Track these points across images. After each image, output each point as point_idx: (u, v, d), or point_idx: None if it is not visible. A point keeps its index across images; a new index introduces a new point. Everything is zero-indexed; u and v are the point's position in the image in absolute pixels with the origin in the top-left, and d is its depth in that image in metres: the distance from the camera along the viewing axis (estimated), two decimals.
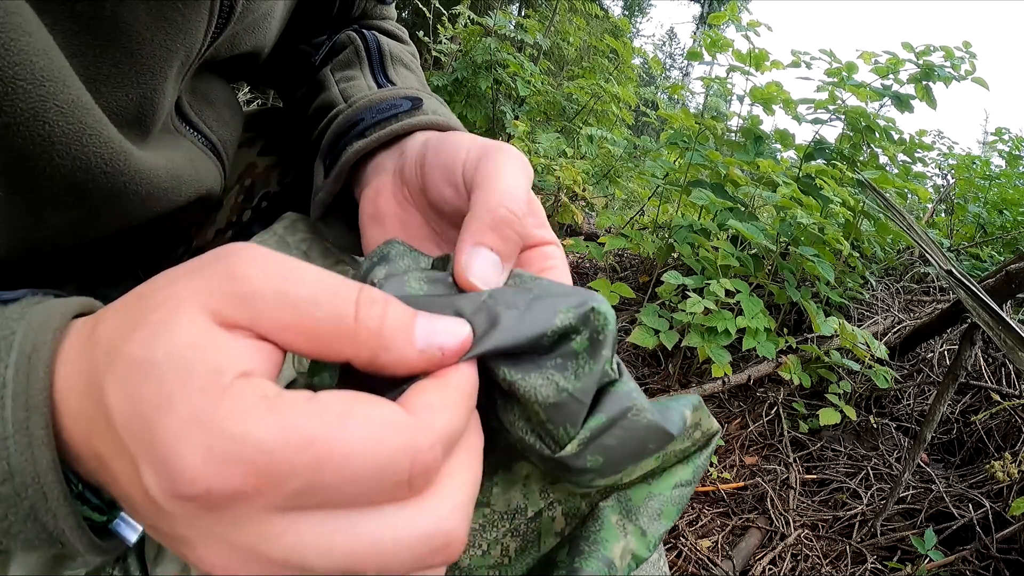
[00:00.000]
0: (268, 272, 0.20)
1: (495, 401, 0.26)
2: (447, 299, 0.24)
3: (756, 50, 2.00)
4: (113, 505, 0.24)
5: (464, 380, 0.22)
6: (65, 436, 0.21)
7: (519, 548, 0.29)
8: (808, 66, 2.05)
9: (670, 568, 1.23)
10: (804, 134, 5.80)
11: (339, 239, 0.43)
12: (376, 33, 0.51)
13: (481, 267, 0.25)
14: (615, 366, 0.26)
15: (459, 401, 0.21)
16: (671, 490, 0.29)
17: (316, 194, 0.42)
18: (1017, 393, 1.59)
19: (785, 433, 1.60)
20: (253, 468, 0.18)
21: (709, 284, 1.56)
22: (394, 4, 0.56)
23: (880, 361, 1.64)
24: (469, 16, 3.31)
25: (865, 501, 1.40)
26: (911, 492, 1.43)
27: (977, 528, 1.26)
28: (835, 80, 2.02)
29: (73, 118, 0.28)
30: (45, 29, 0.26)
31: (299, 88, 0.50)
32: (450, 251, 0.35)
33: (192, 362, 0.18)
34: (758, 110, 2.17)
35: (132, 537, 0.24)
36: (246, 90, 2.86)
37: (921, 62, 1.94)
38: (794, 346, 1.71)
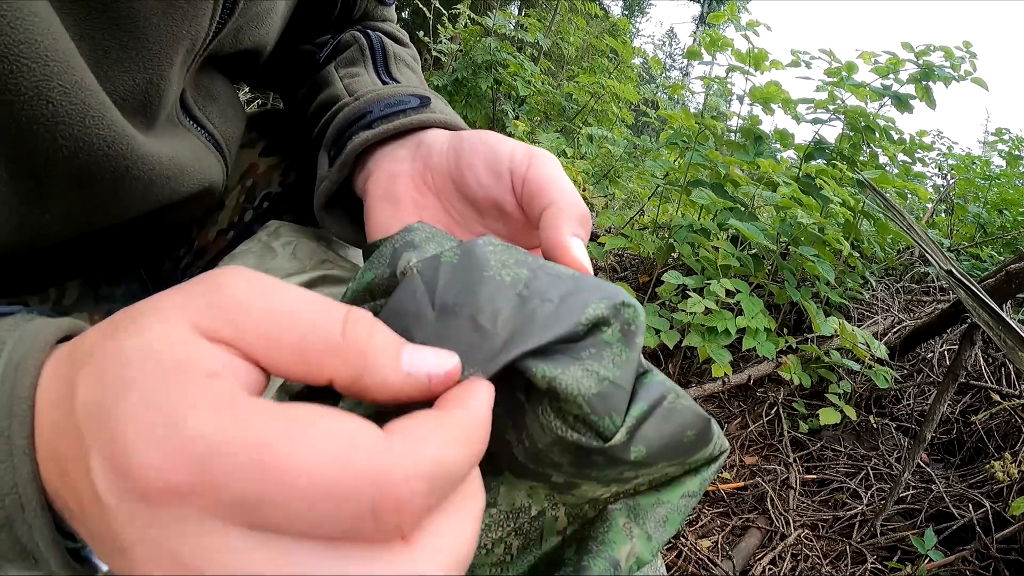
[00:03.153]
0: (254, 287, 0.20)
1: (515, 410, 0.26)
2: (482, 291, 0.23)
3: (756, 50, 2.00)
4: None
5: (474, 413, 0.20)
6: (37, 451, 0.20)
7: (521, 546, 0.29)
8: (808, 66, 2.05)
9: (670, 568, 1.23)
10: (804, 134, 5.80)
11: (341, 231, 0.44)
12: (380, 34, 0.51)
13: (581, 252, 0.29)
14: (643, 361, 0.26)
15: (461, 435, 0.19)
16: (679, 499, 0.29)
17: (320, 183, 0.42)
18: (1017, 393, 1.59)
19: (785, 433, 1.60)
20: (195, 463, 0.16)
21: (709, 284, 1.56)
22: (394, 5, 0.57)
23: (880, 361, 1.64)
24: (469, 16, 3.31)
25: (865, 501, 1.40)
26: (911, 492, 1.43)
27: (977, 528, 1.26)
28: (835, 80, 2.02)
29: (76, 99, 0.28)
30: (53, 11, 0.27)
31: (301, 87, 0.50)
32: (469, 235, 0.36)
33: (161, 352, 0.18)
34: (758, 110, 2.17)
35: (104, 565, 0.23)
36: (246, 90, 2.86)
37: (921, 62, 1.94)
38: (794, 346, 1.71)
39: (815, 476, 1.51)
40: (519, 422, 0.26)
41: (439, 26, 3.47)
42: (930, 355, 1.86)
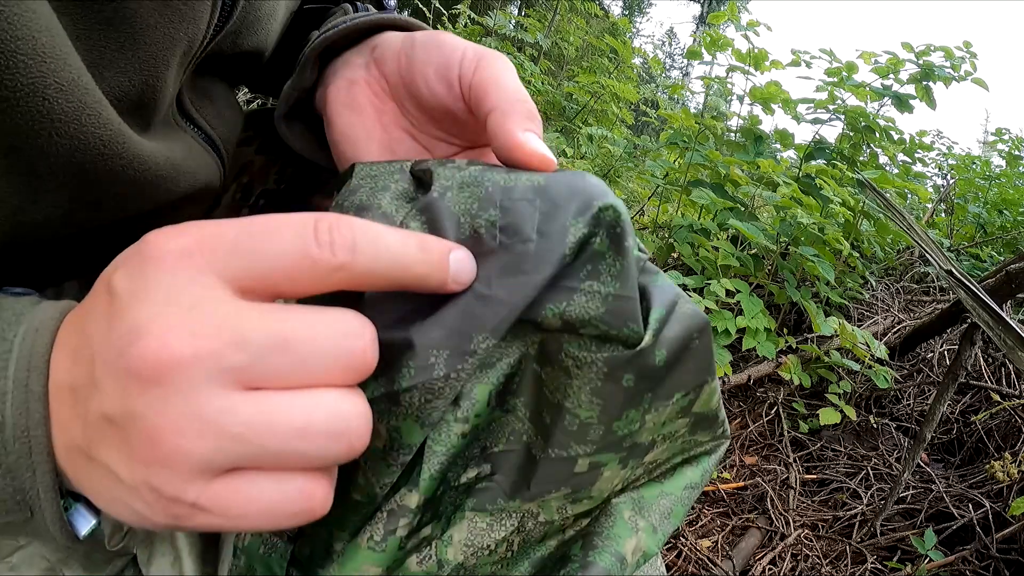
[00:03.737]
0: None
1: (535, 388, 0.26)
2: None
3: (756, 50, 2.00)
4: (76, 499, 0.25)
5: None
6: (50, 399, 0.22)
7: (522, 543, 0.29)
8: (808, 66, 2.05)
9: (670, 568, 1.23)
10: (804, 134, 5.80)
11: (303, 145, 0.43)
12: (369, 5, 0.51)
13: (537, 143, 0.28)
14: (642, 254, 0.26)
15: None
16: (681, 491, 0.29)
17: (282, 95, 0.42)
18: (1017, 393, 1.59)
19: (785, 433, 1.60)
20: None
21: (709, 284, 1.56)
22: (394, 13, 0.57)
23: (880, 361, 1.64)
24: (469, 16, 3.31)
25: (865, 501, 1.40)
26: (911, 492, 1.43)
27: (977, 528, 1.26)
28: (835, 80, 2.02)
29: (73, 96, 0.28)
30: (51, 10, 0.27)
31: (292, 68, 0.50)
32: (427, 145, 0.36)
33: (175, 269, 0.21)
34: (758, 110, 2.17)
35: (83, 529, 0.24)
36: (245, 91, 2.86)
37: (921, 62, 1.93)
38: (794, 346, 1.71)
39: (815, 476, 1.51)
40: (539, 400, 0.26)
41: (439, 26, 3.47)
42: (930, 355, 1.86)
